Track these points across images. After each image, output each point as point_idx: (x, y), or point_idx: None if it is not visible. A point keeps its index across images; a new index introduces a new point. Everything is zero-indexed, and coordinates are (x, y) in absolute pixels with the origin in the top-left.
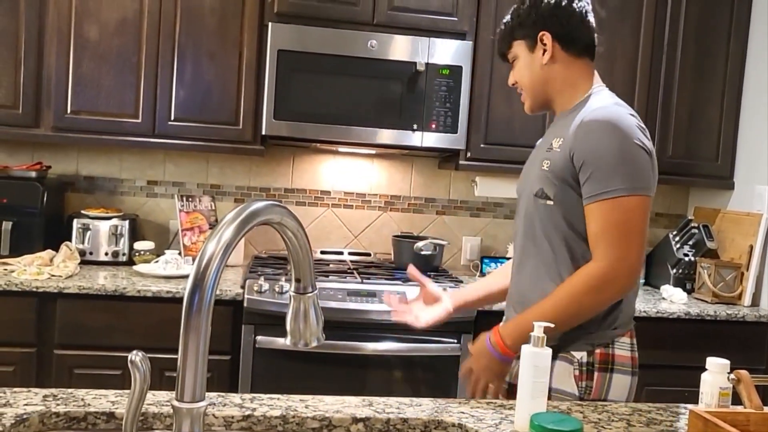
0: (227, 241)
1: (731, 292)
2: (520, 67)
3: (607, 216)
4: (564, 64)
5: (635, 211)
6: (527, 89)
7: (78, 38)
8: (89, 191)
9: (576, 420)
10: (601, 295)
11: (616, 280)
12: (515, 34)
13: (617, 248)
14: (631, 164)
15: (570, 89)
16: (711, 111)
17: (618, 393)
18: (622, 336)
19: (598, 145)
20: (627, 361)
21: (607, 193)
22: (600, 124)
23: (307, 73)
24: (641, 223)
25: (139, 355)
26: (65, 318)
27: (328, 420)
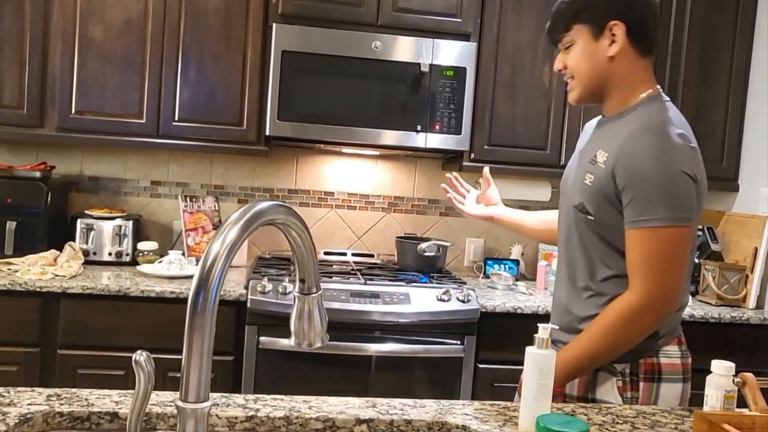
0: (232, 241)
1: (736, 295)
2: (577, 54)
3: (645, 245)
4: (629, 61)
5: (674, 242)
6: (581, 80)
7: (83, 39)
8: (93, 191)
9: (582, 422)
10: (636, 326)
11: (650, 311)
12: (579, 17)
13: (652, 280)
14: (674, 193)
15: (627, 90)
16: (716, 113)
17: (668, 402)
18: (668, 344)
19: (641, 170)
20: (676, 369)
21: (647, 221)
22: (645, 147)
23: (311, 74)
24: (680, 255)
25: (144, 355)
26: (69, 318)
27: (331, 421)
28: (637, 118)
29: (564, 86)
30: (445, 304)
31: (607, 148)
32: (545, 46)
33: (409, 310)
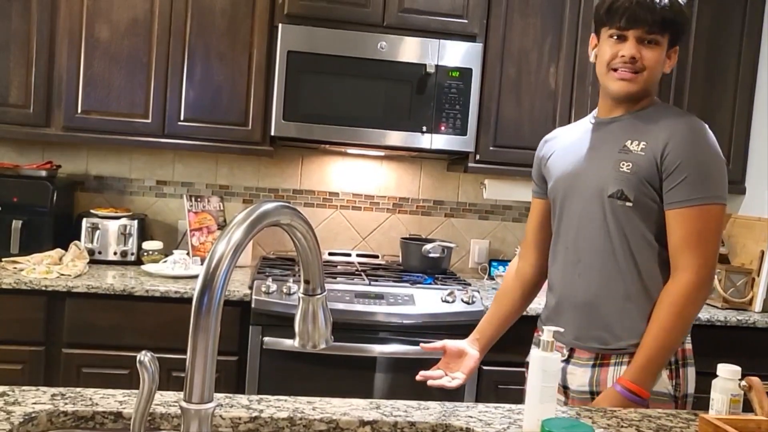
0: (237, 242)
1: (742, 298)
2: (657, 56)
3: (696, 223)
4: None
5: (717, 220)
6: (648, 78)
7: (89, 39)
8: (99, 191)
9: (587, 425)
10: (698, 304)
11: (705, 287)
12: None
13: (704, 256)
14: (722, 175)
15: (651, 94)
16: (722, 116)
17: (692, 386)
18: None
19: (698, 152)
20: (690, 353)
21: (703, 199)
22: (698, 132)
23: (316, 75)
24: (719, 232)
25: (148, 356)
26: (74, 317)
27: (335, 422)
28: (669, 111)
29: (570, 88)
30: (450, 305)
31: (640, 138)
32: (551, 48)
33: (414, 312)
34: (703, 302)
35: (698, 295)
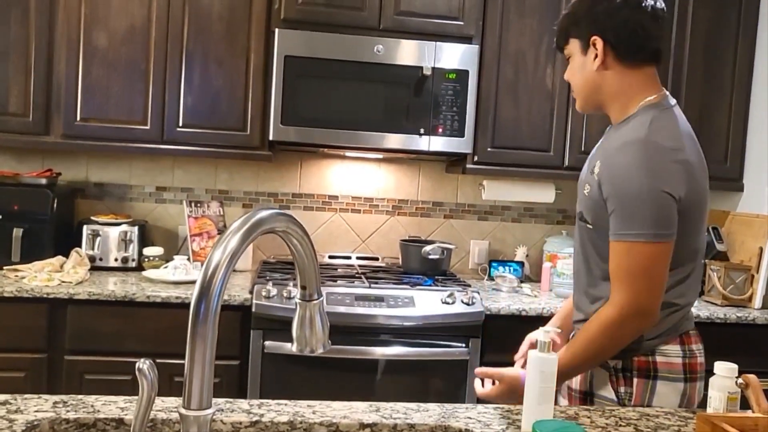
0: (233, 249)
1: (741, 295)
2: (573, 66)
3: (624, 258)
4: (617, 73)
5: (652, 258)
6: (577, 90)
7: (87, 46)
8: (99, 198)
9: (578, 426)
10: (615, 336)
11: (627, 323)
12: (570, 31)
13: (628, 293)
14: (653, 211)
15: (623, 100)
16: (719, 114)
17: (666, 400)
18: (667, 344)
19: (623, 184)
20: (675, 368)
21: (626, 236)
22: (629, 161)
23: (314, 79)
24: (658, 270)
25: (147, 363)
26: (75, 324)
27: (335, 426)
28: (627, 130)
29: (567, 87)
30: (450, 306)
31: (601, 159)
32: (548, 48)
33: (414, 314)
34: (629, 335)
35: (616, 329)
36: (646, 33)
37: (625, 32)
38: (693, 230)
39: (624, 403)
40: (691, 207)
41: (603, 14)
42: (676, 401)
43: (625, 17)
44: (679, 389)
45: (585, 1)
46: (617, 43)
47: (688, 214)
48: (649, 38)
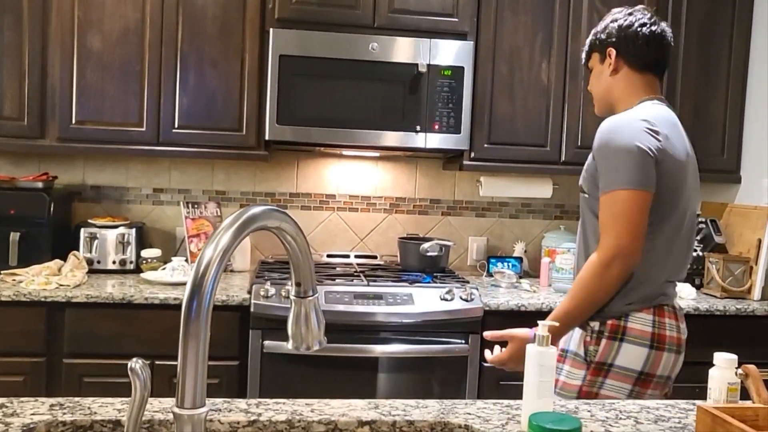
0: (225, 246)
1: (740, 287)
2: (594, 76)
3: (607, 207)
4: (625, 77)
5: (628, 202)
6: (595, 95)
7: (81, 49)
8: (96, 200)
9: (575, 419)
10: (605, 277)
11: (612, 263)
12: (593, 47)
13: (612, 236)
14: (628, 162)
15: (627, 99)
16: (716, 105)
17: (627, 361)
18: (639, 311)
19: (605, 146)
20: (644, 335)
21: (609, 186)
22: (606, 129)
23: (309, 78)
24: (635, 214)
25: (139, 363)
26: (74, 327)
27: (333, 424)
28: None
29: (562, 83)
30: (449, 303)
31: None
32: (542, 44)
33: (413, 311)
34: (616, 277)
35: (604, 270)
36: (650, 46)
37: (633, 43)
38: (663, 206)
39: (590, 359)
40: (664, 178)
41: (617, 30)
42: (638, 365)
43: (634, 32)
44: (643, 354)
45: (604, 22)
46: (626, 52)
47: (660, 185)
48: (652, 50)
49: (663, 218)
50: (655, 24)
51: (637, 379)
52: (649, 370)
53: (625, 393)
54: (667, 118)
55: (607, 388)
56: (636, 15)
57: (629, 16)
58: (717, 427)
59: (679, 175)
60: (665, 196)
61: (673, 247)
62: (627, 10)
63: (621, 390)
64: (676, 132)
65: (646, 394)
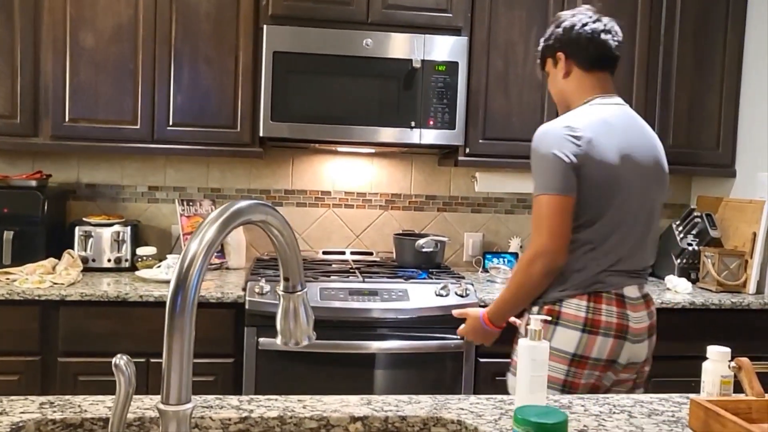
0: (209, 241)
1: (736, 281)
2: (550, 79)
3: (534, 210)
4: (576, 78)
5: (545, 207)
6: (554, 97)
7: (74, 46)
8: (91, 198)
9: (561, 412)
10: (531, 272)
11: (535, 260)
12: (546, 53)
13: (535, 237)
14: (545, 170)
15: (579, 99)
16: (710, 99)
17: (561, 343)
18: (573, 298)
19: (532, 154)
20: (577, 319)
21: (534, 191)
22: (535, 137)
23: (303, 74)
24: (556, 218)
25: (124, 359)
26: (68, 325)
27: (326, 420)
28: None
29: None
30: (444, 299)
31: None
32: (536, 40)
33: (408, 307)
34: (539, 272)
35: (529, 265)
36: (593, 44)
37: (578, 45)
38: (592, 202)
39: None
40: (589, 178)
41: (562, 34)
42: (572, 347)
43: (577, 33)
44: (576, 337)
45: (551, 27)
46: (573, 54)
47: (586, 184)
48: (596, 48)
49: (597, 215)
50: (597, 22)
51: (571, 360)
52: (583, 353)
53: (562, 373)
54: (601, 119)
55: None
56: (578, 16)
57: (572, 18)
58: (710, 420)
59: (609, 173)
60: (594, 194)
61: (612, 241)
62: (571, 12)
63: (558, 370)
64: (607, 131)
65: (583, 375)
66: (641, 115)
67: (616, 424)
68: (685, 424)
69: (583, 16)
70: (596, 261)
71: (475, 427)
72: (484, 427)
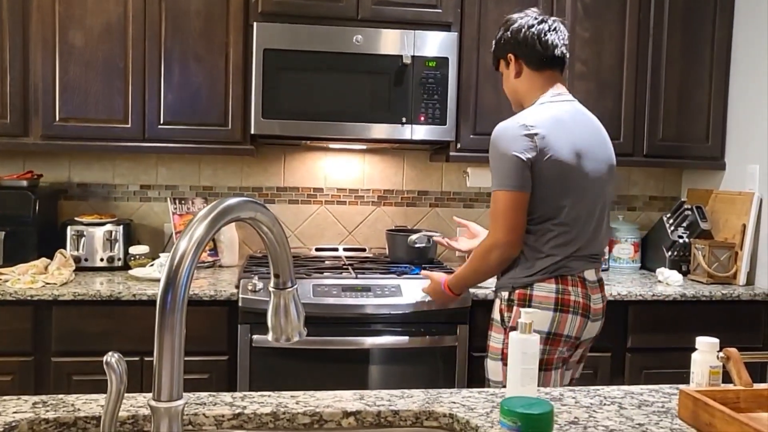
0: (199, 238)
1: (726, 272)
2: (503, 80)
3: (491, 205)
4: (527, 77)
5: (501, 202)
6: (508, 96)
7: (63, 45)
8: (83, 198)
9: (546, 403)
10: (488, 259)
11: (491, 251)
12: (497, 55)
13: (492, 229)
14: (503, 169)
15: (531, 97)
16: (699, 92)
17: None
18: (543, 281)
19: (490, 151)
20: (548, 300)
21: (491, 187)
22: (493, 135)
23: (293, 71)
24: (511, 212)
25: (115, 357)
26: (62, 325)
27: (318, 415)
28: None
29: None
30: None
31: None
32: None
33: (401, 302)
34: (495, 260)
35: (486, 254)
36: (540, 45)
37: (526, 46)
38: (551, 194)
39: (505, 325)
40: (545, 173)
41: (511, 36)
42: (546, 326)
43: (524, 35)
44: (549, 316)
45: (500, 31)
46: (523, 55)
47: (543, 179)
48: (543, 48)
49: (556, 206)
50: (542, 23)
51: (546, 338)
52: (556, 330)
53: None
54: (553, 116)
55: None
56: (525, 18)
57: (520, 20)
58: (698, 410)
59: (563, 168)
60: (552, 187)
61: (574, 231)
62: (519, 14)
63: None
64: (560, 128)
65: (557, 351)
66: (631, 108)
67: (606, 415)
68: (674, 414)
69: (529, 18)
70: (561, 248)
71: (467, 421)
72: (475, 420)
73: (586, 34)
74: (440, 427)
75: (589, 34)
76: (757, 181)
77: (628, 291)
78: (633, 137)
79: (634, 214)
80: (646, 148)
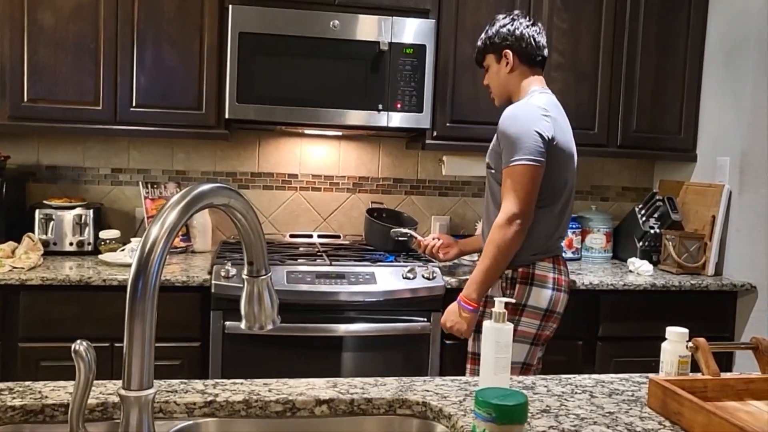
0: (171, 224)
1: (695, 263)
2: (491, 74)
3: (507, 179)
4: (519, 73)
5: (526, 176)
6: (495, 91)
7: (32, 25)
8: (52, 181)
9: (521, 394)
10: (506, 234)
11: (510, 222)
12: (486, 50)
13: (510, 201)
14: (525, 143)
15: (522, 91)
16: (673, 85)
17: (537, 301)
18: (543, 261)
19: (508, 128)
20: (547, 279)
21: (511, 162)
22: (510, 115)
23: (269, 56)
24: (530, 185)
25: (84, 345)
26: (29, 310)
27: (291, 403)
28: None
29: None
30: (411, 281)
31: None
32: None
33: (375, 290)
34: (514, 234)
35: (504, 228)
36: (536, 45)
37: (525, 45)
38: (555, 175)
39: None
40: (553, 153)
41: (508, 33)
42: (545, 304)
43: (521, 34)
44: (548, 294)
45: (494, 27)
46: (519, 52)
47: (551, 159)
48: (538, 48)
49: (560, 186)
50: (534, 25)
51: (543, 315)
52: (552, 308)
53: (534, 327)
54: (555, 105)
55: (523, 325)
56: (519, 20)
57: (515, 21)
58: (667, 398)
59: (564, 152)
60: (559, 166)
61: (567, 210)
62: (510, 15)
63: (532, 325)
64: (561, 116)
65: (548, 327)
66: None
67: (577, 404)
68: (644, 403)
69: (523, 20)
70: (557, 228)
71: (440, 409)
72: (448, 408)
73: (564, 25)
74: (413, 415)
75: (567, 26)
76: (727, 173)
77: (600, 280)
78: (607, 128)
79: (606, 205)
80: (620, 139)
